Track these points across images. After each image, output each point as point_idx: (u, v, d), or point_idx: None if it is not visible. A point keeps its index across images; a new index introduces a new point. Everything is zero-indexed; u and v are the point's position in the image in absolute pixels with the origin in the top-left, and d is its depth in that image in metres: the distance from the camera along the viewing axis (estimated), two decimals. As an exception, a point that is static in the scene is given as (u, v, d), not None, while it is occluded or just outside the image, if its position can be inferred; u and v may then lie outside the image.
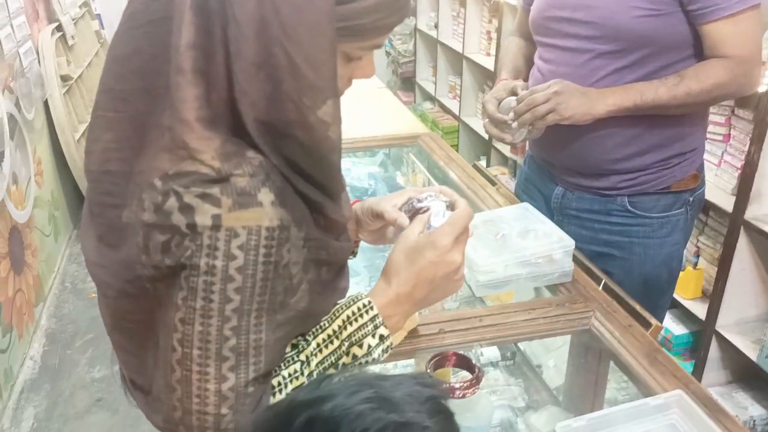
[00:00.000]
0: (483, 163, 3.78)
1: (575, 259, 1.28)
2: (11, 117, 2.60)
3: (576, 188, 1.48)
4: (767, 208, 1.87)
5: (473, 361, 0.96)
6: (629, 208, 1.44)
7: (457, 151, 4.11)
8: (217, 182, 0.64)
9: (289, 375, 0.76)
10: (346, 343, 0.79)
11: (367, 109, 2.29)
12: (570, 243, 1.24)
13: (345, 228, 0.82)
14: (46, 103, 3.16)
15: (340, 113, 0.69)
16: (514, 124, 1.36)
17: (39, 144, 3.04)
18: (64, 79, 3.27)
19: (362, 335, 0.80)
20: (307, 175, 0.70)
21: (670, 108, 1.30)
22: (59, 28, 3.37)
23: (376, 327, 0.80)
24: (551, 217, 1.46)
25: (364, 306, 0.80)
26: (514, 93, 1.42)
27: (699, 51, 1.30)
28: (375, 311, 0.80)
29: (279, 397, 0.75)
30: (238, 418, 0.68)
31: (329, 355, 0.79)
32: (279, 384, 0.76)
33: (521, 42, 1.63)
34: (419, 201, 0.89)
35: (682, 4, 1.25)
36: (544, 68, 1.44)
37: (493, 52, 3.52)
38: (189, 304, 0.66)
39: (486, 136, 3.71)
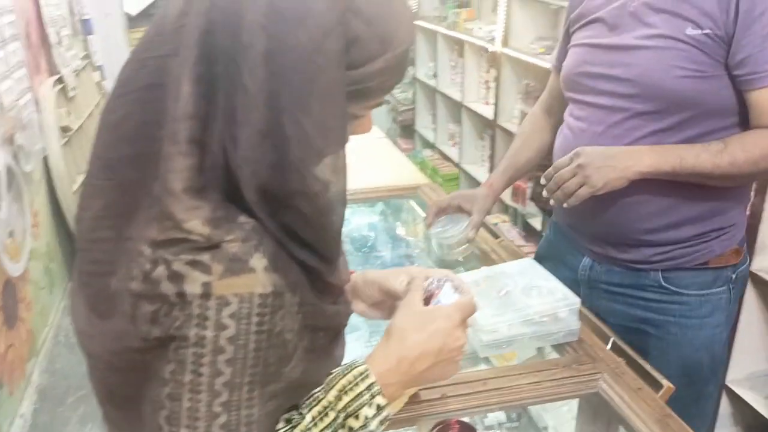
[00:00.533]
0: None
1: (582, 317, 1.24)
2: (9, 170, 2.59)
3: (605, 260, 1.39)
4: (773, 259, 1.84)
5: (473, 428, 0.92)
6: (663, 284, 1.34)
7: (457, 198, 4.11)
8: (208, 249, 0.62)
9: None
10: (342, 415, 0.74)
11: (367, 160, 2.28)
12: (575, 301, 1.20)
13: (342, 291, 0.79)
14: (45, 155, 3.16)
15: (344, 173, 0.68)
16: (551, 202, 1.31)
17: (36, 196, 3.02)
18: (64, 130, 3.28)
19: (358, 405, 0.74)
20: (303, 241, 0.68)
21: (711, 177, 1.21)
22: (60, 80, 3.39)
23: (372, 396, 0.74)
24: (578, 290, 1.35)
25: (361, 374, 0.75)
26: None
27: (745, 119, 1.22)
28: (372, 379, 0.75)
29: None
30: None
31: (325, 429, 0.74)
32: None
33: (542, 122, 1.58)
34: (432, 283, 0.86)
35: (729, 68, 1.18)
36: (575, 126, 1.37)
37: (491, 100, 3.55)
38: (177, 378, 0.62)
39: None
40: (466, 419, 1.11)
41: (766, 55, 1.14)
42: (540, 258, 1.56)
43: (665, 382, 1.15)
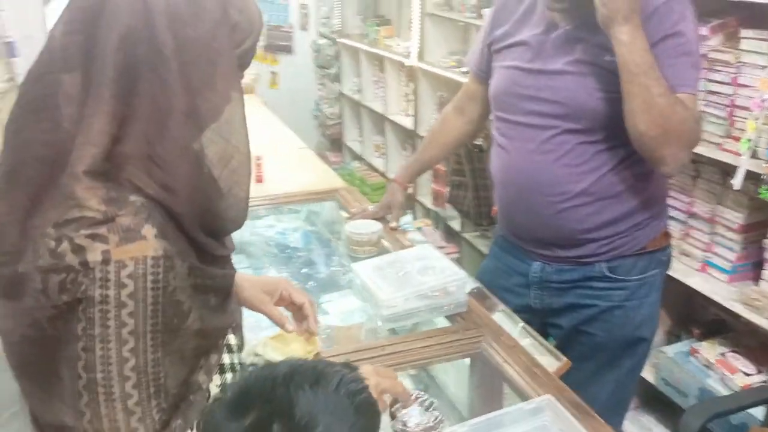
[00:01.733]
0: (409, 217, 3.96)
1: (482, 295, 1.42)
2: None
3: (554, 260, 1.50)
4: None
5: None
6: (607, 273, 1.46)
7: (385, 206, 4.28)
8: (104, 223, 0.74)
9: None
10: None
11: (289, 168, 2.43)
12: (463, 276, 1.38)
13: (228, 259, 0.93)
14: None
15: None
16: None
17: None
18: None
19: None
20: (190, 221, 0.81)
21: (642, 83, 1.24)
22: (-16, 102, 3.40)
23: None
24: (529, 294, 1.53)
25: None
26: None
27: None
28: None
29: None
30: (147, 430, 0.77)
31: None
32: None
33: (452, 121, 1.74)
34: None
35: None
36: (507, 144, 1.48)
37: (412, 112, 3.75)
38: (88, 332, 0.73)
39: (410, 191, 3.90)
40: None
41: (673, 70, 1.27)
42: (485, 272, 1.68)
43: (563, 358, 1.31)
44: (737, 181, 1.74)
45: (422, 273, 1.41)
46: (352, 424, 0.71)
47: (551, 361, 1.30)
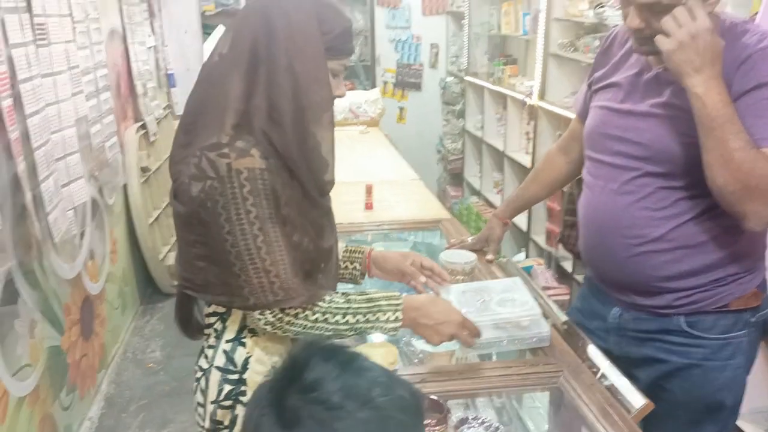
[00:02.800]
0: (522, 255, 3.94)
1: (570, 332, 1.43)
2: (94, 201, 2.99)
3: (632, 308, 1.47)
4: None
5: (442, 403, 1.13)
6: (686, 328, 1.41)
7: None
8: (227, 145, 1.11)
9: (335, 300, 1.20)
10: (372, 306, 1.22)
11: (398, 197, 2.54)
12: (537, 312, 1.39)
13: (327, 211, 1.28)
14: (126, 190, 3.58)
15: (333, 124, 1.19)
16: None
17: (116, 226, 3.42)
18: (144, 170, 3.70)
19: (386, 308, 1.22)
20: (301, 146, 1.15)
21: (718, 137, 1.21)
22: (143, 126, 3.84)
23: (396, 311, 1.23)
24: (609, 339, 1.50)
25: (398, 297, 1.25)
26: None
27: None
28: (401, 301, 1.24)
29: (329, 305, 1.20)
30: (280, 284, 1.14)
31: (359, 307, 1.21)
32: (329, 301, 1.20)
33: (555, 160, 1.75)
34: None
35: None
36: (593, 184, 1.49)
37: (531, 150, 3.75)
38: (228, 220, 1.10)
39: (525, 228, 3.88)
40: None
41: (755, 120, 1.22)
42: (576, 311, 1.67)
43: (646, 399, 1.24)
44: None
45: (500, 304, 1.43)
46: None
47: (635, 399, 1.27)
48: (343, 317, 1.20)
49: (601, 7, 2.91)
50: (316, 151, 1.16)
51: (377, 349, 1.26)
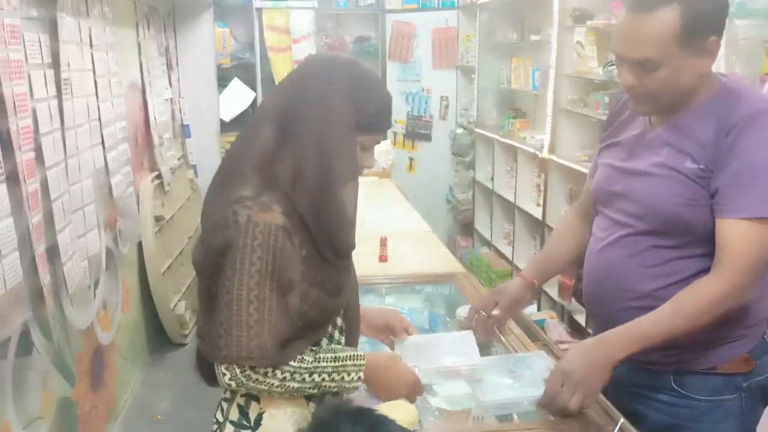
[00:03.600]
0: (534, 307, 3.91)
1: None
2: (108, 251, 3.01)
3: (625, 360, 1.41)
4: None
5: None
6: (674, 386, 1.41)
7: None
8: (252, 200, 1.14)
9: (306, 359, 1.19)
10: (337, 366, 1.22)
11: (412, 250, 2.55)
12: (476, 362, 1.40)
13: (344, 270, 1.28)
14: (140, 239, 3.60)
15: (356, 193, 1.21)
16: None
17: (129, 275, 3.43)
18: (158, 219, 3.74)
19: (349, 369, 1.23)
20: (320, 214, 1.17)
21: (678, 336, 1.31)
22: (159, 176, 3.90)
23: (359, 371, 1.25)
24: (608, 390, 1.44)
25: (360, 357, 1.26)
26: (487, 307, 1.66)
27: None
28: (363, 361, 1.25)
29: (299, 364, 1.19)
30: (258, 344, 1.11)
31: (323, 368, 1.21)
32: (299, 360, 1.18)
33: (575, 223, 1.68)
34: None
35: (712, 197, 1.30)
36: (596, 235, 1.52)
37: (541, 202, 3.77)
38: (230, 266, 1.12)
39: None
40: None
41: (733, 190, 1.26)
42: None
43: None
44: None
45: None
46: None
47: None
48: (310, 376, 1.19)
49: (612, 65, 2.97)
50: (337, 218, 1.18)
51: (397, 409, 1.25)
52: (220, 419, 1.27)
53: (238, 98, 4.95)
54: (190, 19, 4.90)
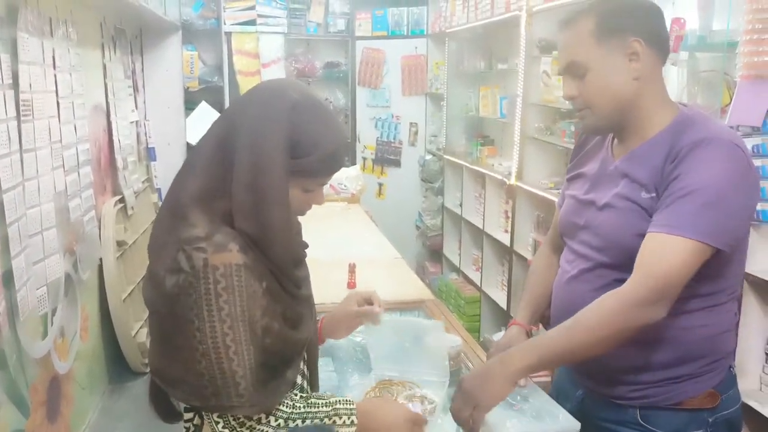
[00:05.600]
0: (502, 333, 3.90)
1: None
2: (68, 276, 2.92)
3: (593, 394, 1.45)
4: None
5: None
6: (641, 421, 1.38)
7: (479, 320, 4.26)
8: (205, 240, 1.08)
9: (297, 405, 1.18)
10: (330, 412, 1.21)
11: (381, 277, 2.53)
12: (575, 426, 1.34)
13: (305, 300, 1.26)
14: (101, 263, 3.51)
15: (291, 224, 1.16)
16: None
17: (88, 301, 3.33)
18: (120, 244, 3.65)
19: (341, 414, 1.22)
20: (266, 254, 1.13)
21: (577, 351, 1.29)
22: (122, 200, 3.82)
23: (350, 416, 1.22)
24: (580, 421, 1.41)
25: (351, 402, 1.24)
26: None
27: (700, 276, 1.27)
28: (354, 407, 1.23)
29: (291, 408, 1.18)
30: (242, 388, 1.08)
31: (314, 412, 1.20)
32: (291, 407, 1.18)
33: (551, 259, 1.65)
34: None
35: None
36: (562, 267, 1.51)
37: (509, 229, 3.79)
38: (199, 315, 1.07)
39: (505, 308, 3.87)
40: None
41: (663, 209, 1.25)
42: (554, 389, 1.62)
43: None
44: None
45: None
46: None
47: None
48: (303, 422, 1.18)
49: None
50: (279, 256, 1.14)
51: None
52: None
53: (205, 121, 4.88)
54: (158, 41, 4.86)
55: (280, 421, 1.16)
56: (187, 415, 1.23)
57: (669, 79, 2.27)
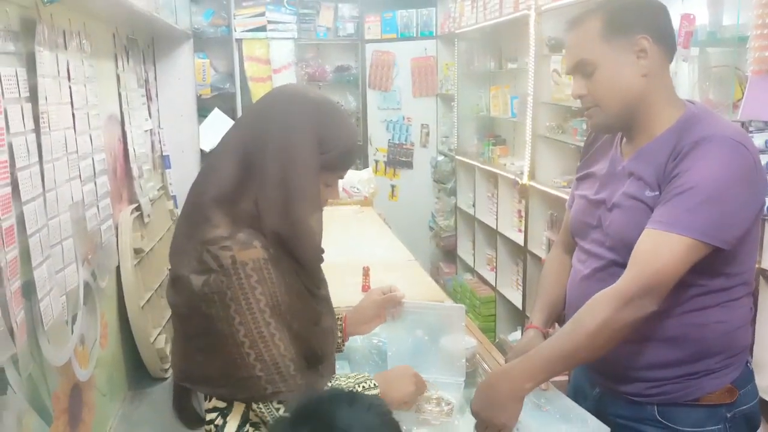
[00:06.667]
0: (518, 333, 3.90)
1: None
2: (86, 284, 2.96)
3: (610, 391, 1.46)
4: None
5: None
6: (659, 418, 1.38)
7: (494, 320, 4.26)
8: (229, 239, 1.13)
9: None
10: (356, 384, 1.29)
11: (395, 279, 2.53)
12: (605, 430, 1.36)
13: (323, 300, 1.32)
14: (118, 271, 3.55)
15: (321, 224, 1.22)
16: None
17: (107, 309, 3.37)
18: (137, 251, 3.69)
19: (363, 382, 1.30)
20: (291, 252, 1.19)
21: (581, 354, 1.30)
22: (138, 208, 3.86)
23: (371, 381, 1.31)
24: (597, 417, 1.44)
25: (369, 379, 1.32)
26: None
27: (703, 269, 1.28)
28: (374, 383, 1.31)
29: None
30: (292, 372, 1.15)
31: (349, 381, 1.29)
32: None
33: (564, 261, 1.64)
34: None
35: None
36: (575, 266, 1.52)
37: (523, 228, 3.79)
38: (239, 309, 1.11)
39: (520, 307, 3.87)
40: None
41: (662, 206, 1.27)
42: (572, 388, 1.64)
43: None
44: None
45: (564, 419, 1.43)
46: None
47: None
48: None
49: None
50: (306, 254, 1.20)
51: None
52: None
53: (218, 128, 4.94)
54: (170, 50, 4.91)
55: None
56: (210, 416, 1.25)
57: (680, 76, 2.26)
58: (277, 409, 1.17)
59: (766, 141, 1.91)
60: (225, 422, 1.22)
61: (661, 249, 1.24)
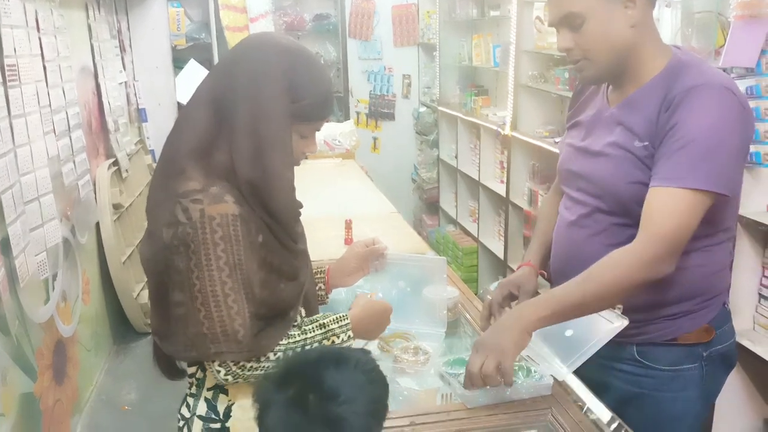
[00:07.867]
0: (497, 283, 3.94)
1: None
2: (66, 241, 2.93)
3: None
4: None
5: None
6: (638, 357, 1.43)
7: (476, 270, 4.30)
8: (200, 192, 1.10)
9: (293, 335, 1.22)
10: (329, 332, 1.26)
11: (377, 231, 2.53)
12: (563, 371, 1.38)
13: (300, 254, 1.27)
14: (98, 228, 3.51)
15: (293, 169, 1.19)
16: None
17: (89, 265, 3.35)
18: (116, 207, 3.65)
19: (336, 333, 1.27)
20: (265, 205, 1.15)
21: (589, 303, 1.31)
22: (115, 162, 3.80)
23: (346, 331, 1.28)
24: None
25: (345, 318, 1.29)
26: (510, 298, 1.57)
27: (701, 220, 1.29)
28: (348, 321, 1.29)
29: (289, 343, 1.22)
30: (239, 337, 1.12)
31: (309, 339, 1.24)
32: (288, 337, 1.21)
33: (557, 206, 1.63)
34: None
35: None
36: (561, 214, 1.54)
37: (505, 179, 3.79)
38: (198, 262, 1.09)
39: (503, 257, 3.90)
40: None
41: (665, 161, 1.27)
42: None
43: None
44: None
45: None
46: (367, 393, 0.91)
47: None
48: (302, 349, 1.21)
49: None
50: (278, 206, 1.16)
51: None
52: (186, 415, 1.25)
53: (195, 80, 4.82)
54: (143, -1, 4.75)
55: (279, 353, 1.19)
56: (190, 370, 1.26)
57: (663, 21, 2.24)
58: (218, 372, 1.15)
59: (747, 88, 1.90)
60: (205, 375, 1.23)
61: (673, 207, 1.25)
